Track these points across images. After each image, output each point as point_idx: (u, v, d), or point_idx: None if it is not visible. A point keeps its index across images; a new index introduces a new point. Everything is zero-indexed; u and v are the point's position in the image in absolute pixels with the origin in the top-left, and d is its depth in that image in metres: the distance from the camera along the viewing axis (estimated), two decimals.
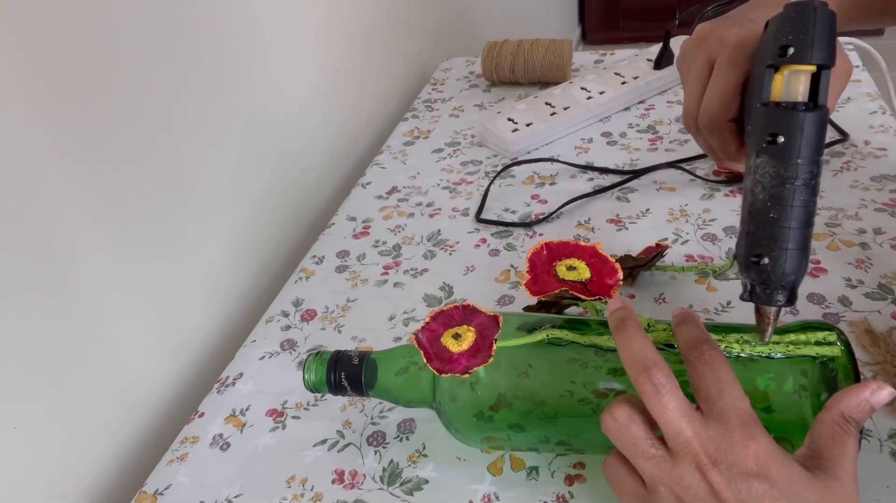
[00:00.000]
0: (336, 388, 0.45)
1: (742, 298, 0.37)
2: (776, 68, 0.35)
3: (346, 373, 0.44)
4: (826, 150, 0.72)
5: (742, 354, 0.38)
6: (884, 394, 0.33)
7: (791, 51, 0.35)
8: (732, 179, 0.70)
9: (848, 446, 0.32)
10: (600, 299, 0.44)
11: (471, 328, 0.41)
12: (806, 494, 0.31)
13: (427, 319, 0.42)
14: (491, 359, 0.39)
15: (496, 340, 0.40)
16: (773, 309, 0.36)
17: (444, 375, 0.39)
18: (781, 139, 0.34)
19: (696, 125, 0.44)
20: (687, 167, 0.73)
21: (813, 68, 0.34)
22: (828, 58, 0.34)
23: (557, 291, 0.45)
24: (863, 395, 0.33)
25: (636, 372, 0.34)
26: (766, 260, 0.35)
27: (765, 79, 0.36)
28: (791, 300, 0.36)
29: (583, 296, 0.44)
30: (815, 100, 0.35)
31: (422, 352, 0.40)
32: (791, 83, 0.35)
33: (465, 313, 0.42)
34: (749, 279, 0.36)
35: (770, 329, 0.37)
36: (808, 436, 0.34)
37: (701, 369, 0.34)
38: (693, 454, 0.32)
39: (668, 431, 0.33)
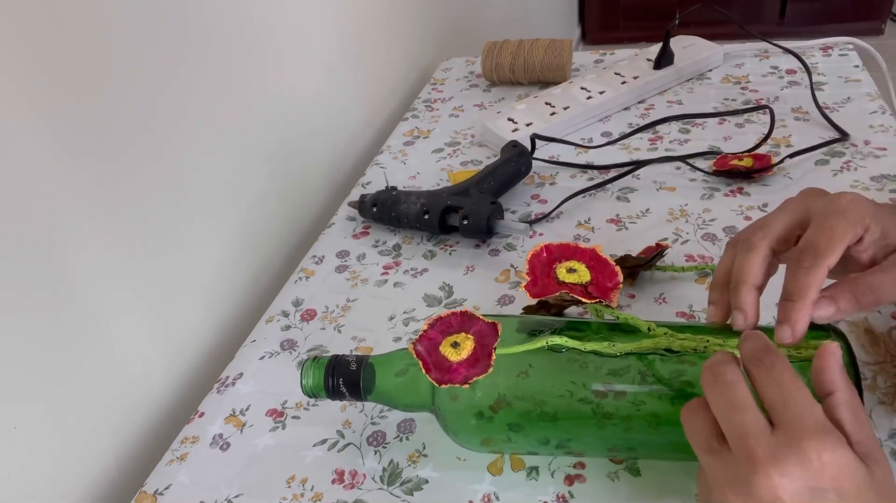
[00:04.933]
0: (334, 394, 0.44)
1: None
2: None
3: (343, 379, 0.44)
4: (826, 150, 0.72)
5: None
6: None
7: None
8: (732, 177, 0.70)
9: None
10: (601, 302, 0.44)
11: (469, 336, 0.40)
12: (867, 495, 0.30)
13: (425, 327, 0.41)
14: (491, 369, 0.38)
15: (495, 349, 0.39)
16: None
17: (443, 386, 0.39)
18: None
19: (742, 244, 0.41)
20: (690, 162, 0.73)
21: None
22: None
23: (557, 294, 0.45)
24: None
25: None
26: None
27: None
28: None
29: (583, 300, 0.44)
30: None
31: (420, 363, 0.40)
32: None
33: (464, 320, 0.42)
34: None
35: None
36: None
37: (762, 378, 0.33)
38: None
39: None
